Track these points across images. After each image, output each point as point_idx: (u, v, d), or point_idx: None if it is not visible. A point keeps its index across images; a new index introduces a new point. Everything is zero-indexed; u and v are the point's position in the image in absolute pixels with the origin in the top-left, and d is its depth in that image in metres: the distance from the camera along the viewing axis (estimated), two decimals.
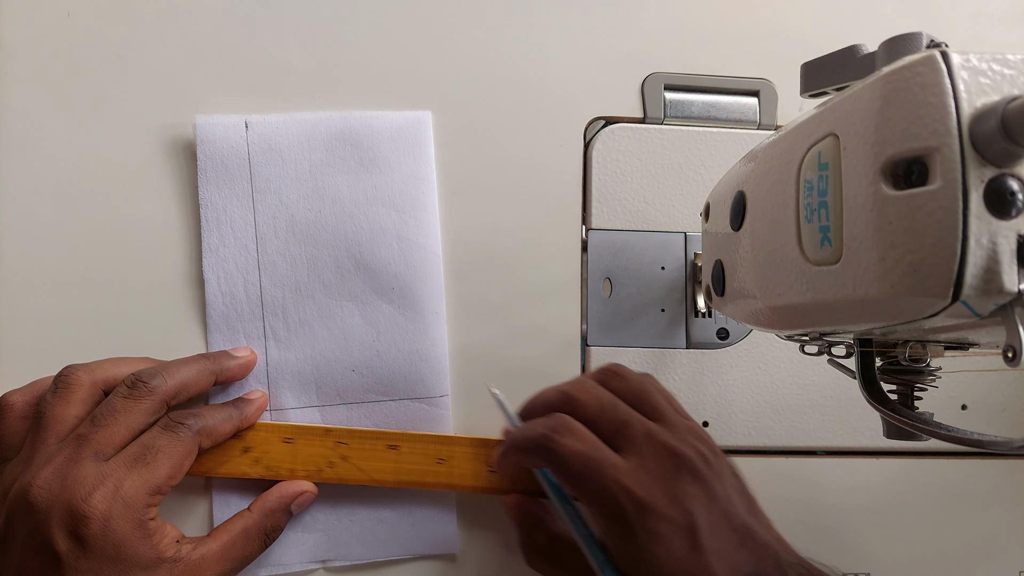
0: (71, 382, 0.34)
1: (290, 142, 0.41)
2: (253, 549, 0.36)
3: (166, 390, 0.34)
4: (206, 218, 0.40)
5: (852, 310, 0.23)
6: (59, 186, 0.40)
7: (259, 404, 0.38)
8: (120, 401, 0.33)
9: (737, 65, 0.44)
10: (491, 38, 0.43)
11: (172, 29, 0.41)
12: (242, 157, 0.40)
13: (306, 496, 0.38)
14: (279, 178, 0.40)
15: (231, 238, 0.40)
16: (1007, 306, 0.20)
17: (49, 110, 0.40)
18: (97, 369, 0.35)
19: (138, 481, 0.32)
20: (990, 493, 0.44)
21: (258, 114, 0.41)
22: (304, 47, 0.42)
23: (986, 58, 0.20)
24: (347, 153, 0.41)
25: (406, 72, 0.42)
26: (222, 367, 0.38)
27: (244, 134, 0.40)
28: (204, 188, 0.40)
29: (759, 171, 0.28)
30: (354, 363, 0.40)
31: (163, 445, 0.33)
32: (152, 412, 0.34)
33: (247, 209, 0.40)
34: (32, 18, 0.40)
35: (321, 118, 0.41)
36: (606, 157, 0.43)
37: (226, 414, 0.37)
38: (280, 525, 0.37)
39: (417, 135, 0.42)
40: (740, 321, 0.32)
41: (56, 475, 0.31)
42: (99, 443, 0.32)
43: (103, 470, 0.32)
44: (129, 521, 0.32)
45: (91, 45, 0.40)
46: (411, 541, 0.40)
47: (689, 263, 0.43)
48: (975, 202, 0.19)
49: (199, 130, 0.40)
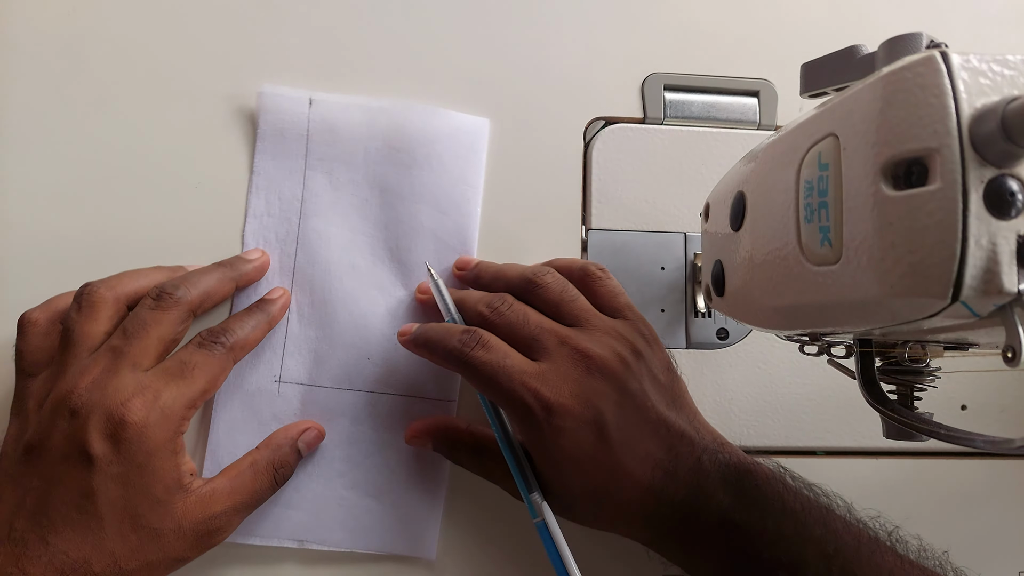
0: (95, 300, 0.35)
1: (350, 125, 0.41)
2: (262, 484, 0.36)
3: (191, 299, 0.36)
4: (256, 185, 0.41)
5: (852, 310, 0.23)
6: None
7: (282, 302, 0.39)
8: (148, 313, 0.35)
9: (737, 65, 0.44)
10: (491, 38, 0.43)
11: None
12: (301, 132, 0.41)
13: (312, 433, 0.39)
14: (333, 159, 0.41)
15: (277, 208, 0.41)
16: (1007, 306, 0.20)
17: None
18: (117, 284, 0.36)
19: (175, 393, 0.33)
20: (990, 493, 0.44)
21: (321, 92, 0.41)
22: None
23: (986, 59, 0.20)
24: (403, 146, 0.41)
25: (406, 71, 0.42)
26: (240, 272, 0.39)
27: (307, 110, 0.41)
28: (259, 156, 0.41)
29: (759, 171, 0.28)
30: (371, 351, 0.40)
31: (199, 361, 0.35)
32: (180, 321, 0.35)
33: (297, 183, 0.41)
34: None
35: (384, 106, 0.41)
36: (606, 157, 0.43)
37: (255, 321, 0.38)
38: (288, 461, 0.37)
39: (473, 140, 0.42)
40: (740, 321, 0.32)
41: (96, 384, 0.32)
42: (135, 355, 0.33)
43: (141, 380, 0.33)
44: (165, 431, 0.33)
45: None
46: (392, 537, 0.39)
47: (689, 263, 0.43)
48: (975, 202, 0.19)
49: (264, 99, 0.41)
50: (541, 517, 0.34)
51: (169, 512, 0.33)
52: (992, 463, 0.44)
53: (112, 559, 0.32)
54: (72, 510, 0.31)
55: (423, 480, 0.40)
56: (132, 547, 0.32)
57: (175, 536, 0.33)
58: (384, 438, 0.40)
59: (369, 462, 0.40)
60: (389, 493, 0.40)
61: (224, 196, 0.41)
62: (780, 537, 0.33)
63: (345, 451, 0.40)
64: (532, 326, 0.36)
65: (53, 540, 0.31)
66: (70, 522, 0.31)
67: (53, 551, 0.31)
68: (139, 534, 0.32)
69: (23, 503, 0.31)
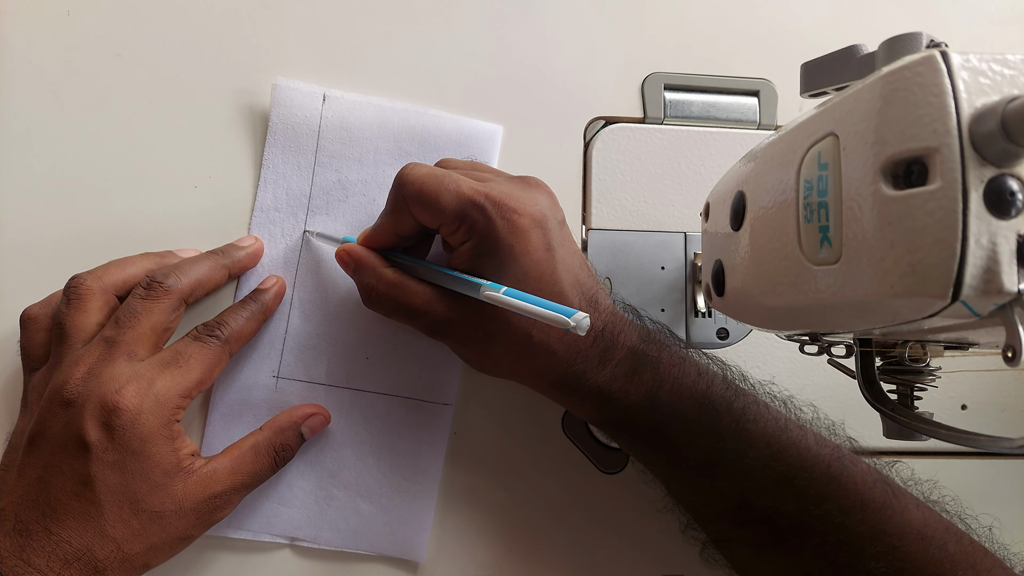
0: (82, 292, 0.35)
1: (362, 124, 0.41)
2: (263, 466, 0.36)
3: (182, 288, 0.36)
4: (265, 178, 0.41)
5: (852, 310, 0.23)
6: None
7: (276, 290, 0.39)
8: (139, 303, 0.35)
9: (737, 65, 0.44)
10: (492, 38, 0.43)
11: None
12: (313, 128, 0.41)
13: (317, 419, 0.39)
14: (343, 157, 0.41)
15: (284, 202, 0.41)
16: (1007, 306, 0.20)
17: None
18: (104, 275, 0.36)
19: (170, 382, 0.34)
20: (990, 493, 0.44)
21: (336, 89, 0.41)
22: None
23: (986, 58, 0.20)
24: (414, 149, 0.41)
25: (406, 70, 0.42)
26: (232, 259, 0.39)
27: (320, 106, 0.41)
28: (270, 149, 0.41)
29: (759, 171, 0.28)
30: (370, 351, 0.40)
31: (194, 352, 0.35)
32: (172, 310, 0.35)
33: (305, 179, 0.41)
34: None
35: (396, 108, 0.41)
36: (606, 157, 0.43)
37: (248, 312, 0.38)
38: (290, 444, 0.38)
39: (484, 146, 0.42)
40: (740, 321, 0.32)
41: (90, 373, 0.33)
42: (128, 344, 0.34)
43: (136, 369, 0.33)
44: (158, 418, 0.33)
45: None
46: (382, 539, 0.39)
47: (689, 263, 0.43)
48: (975, 202, 0.19)
49: (278, 92, 0.41)
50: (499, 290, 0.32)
51: (170, 494, 0.33)
52: (992, 463, 0.44)
53: (115, 545, 0.32)
54: (72, 498, 0.32)
55: (415, 484, 0.40)
56: (134, 531, 0.32)
57: (177, 516, 0.33)
58: (378, 440, 0.40)
59: (362, 464, 0.40)
60: (380, 496, 0.40)
61: (229, 192, 0.41)
62: (682, 359, 0.35)
63: (338, 451, 0.40)
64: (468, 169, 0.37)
65: (55, 529, 0.31)
66: (71, 510, 0.31)
67: (56, 540, 0.31)
68: (140, 518, 0.32)
69: (27, 494, 0.32)
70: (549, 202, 0.35)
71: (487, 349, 0.35)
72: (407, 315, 0.35)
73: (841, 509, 0.33)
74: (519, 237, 0.33)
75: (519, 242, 0.33)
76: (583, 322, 0.28)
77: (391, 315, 0.36)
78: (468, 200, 0.33)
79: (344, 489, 0.39)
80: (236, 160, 0.41)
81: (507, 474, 0.41)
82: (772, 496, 0.34)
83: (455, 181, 0.33)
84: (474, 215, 0.33)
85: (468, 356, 0.37)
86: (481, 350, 0.36)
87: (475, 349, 0.36)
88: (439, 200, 0.33)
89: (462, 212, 0.33)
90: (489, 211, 0.33)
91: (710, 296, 0.34)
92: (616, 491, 0.41)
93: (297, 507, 0.39)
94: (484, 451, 0.41)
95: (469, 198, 0.33)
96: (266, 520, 0.39)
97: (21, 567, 0.30)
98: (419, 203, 0.34)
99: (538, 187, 0.35)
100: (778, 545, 0.35)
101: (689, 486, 0.36)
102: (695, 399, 0.34)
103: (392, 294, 0.35)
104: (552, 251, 0.33)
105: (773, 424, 0.35)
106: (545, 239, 0.33)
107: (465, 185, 0.33)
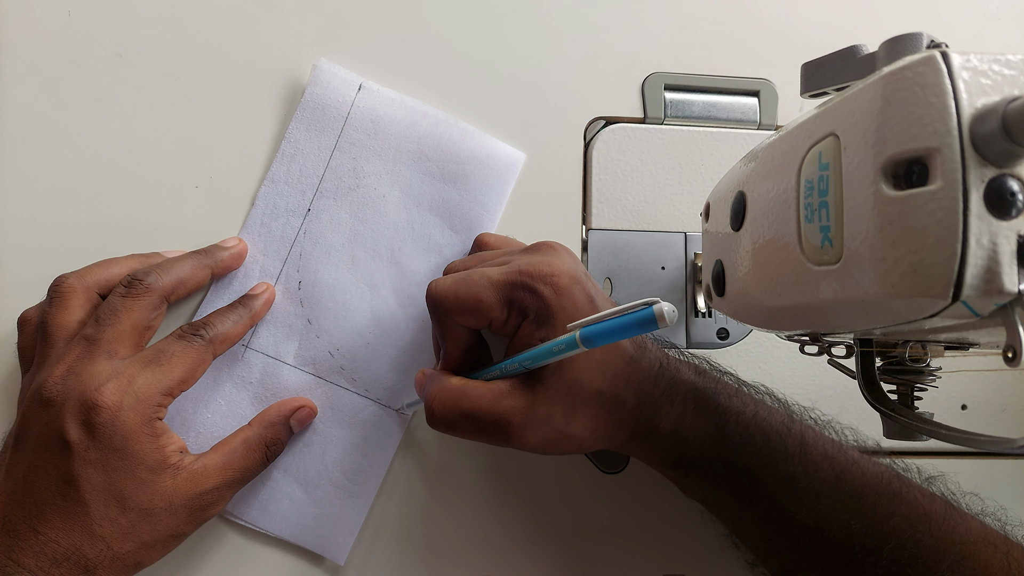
0: (64, 290, 0.35)
1: (390, 121, 0.41)
2: (254, 461, 0.36)
3: (163, 286, 0.36)
4: (282, 151, 0.41)
5: (852, 310, 0.23)
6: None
7: (265, 297, 0.39)
8: (120, 301, 0.35)
9: (737, 65, 0.44)
10: (492, 38, 0.43)
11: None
12: (342, 113, 0.41)
13: (305, 411, 0.39)
14: (364, 147, 0.41)
15: (296, 178, 0.41)
16: (1007, 306, 0.20)
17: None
18: (87, 274, 0.36)
19: (151, 379, 0.33)
20: (990, 493, 0.44)
21: (373, 80, 0.42)
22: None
23: (987, 58, 0.20)
24: (435, 156, 0.41)
25: (408, 70, 0.42)
26: (215, 259, 0.39)
27: (354, 94, 0.41)
28: (295, 124, 0.41)
29: (759, 171, 0.28)
30: (339, 344, 0.40)
31: (177, 351, 0.35)
32: (152, 308, 0.35)
33: (322, 161, 0.41)
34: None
35: (428, 113, 0.42)
36: (606, 157, 0.43)
37: (236, 316, 0.38)
38: (280, 438, 0.38)
39: (504, 170, 0.42)
40: (740, 321, 0.32)
41: (70, 371, 0.33)
42: (108, 342, 0.34)
43: (116, 366, 0.33)
44: (139, 415, 0.33)
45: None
46: (306, 531, 0.39)
47: (689, 263, 0.43)
48: (975, 202, 0.19)
49: (317, 72, 0.41)
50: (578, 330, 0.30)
51: (158, 491, 0.33)
52: (992, 463, 0.44)
53: (104, 543, 0.32)
54: (57, 498, 0.31)
55: (354, 484, 0.39)
56: (123, 529, 0.32)
57: (167, 514, 0.33)
58: (328, 432, 0.40)
59: (306, 451, 0.39)
60: (317, 487, 0.39)
61: (230, 192, 0.41)
62: (736, 388, 0.36)
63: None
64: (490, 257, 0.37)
65: (43, 529, 0.31)
66: (57, 510, 0.31)
67: (43, 540, 0.31)
68: (128, 516, 0.32)
69: (14, 494, 0.32)
70: (572, 259, 0.35)
71: (569, 425, 0.33)
72: (471, 419, 0.32)
73: (909, 523, 0.34)
74: (565, 297, 0.33)
75: (567, 302, 0.33)
76: (666, 307, 0.27)
77: (456, 429, 0.33)
78: (507, 284, 0.33)
79: (283, 472, 0.39)
80: (237, 160, 0.41)
81: (507, 474, 0.41)
82: (844, 516, 0.34)
83: (483, 275, 0.33)
84: (519, 295, 0.33)
85: (550, 440, 0.33)
86: (565, 431, 0.33)
87: (558, 429, 0.33)
88: (480, 299, 0.33)
89: (507, 298, 0.33)
90: (531, 284, 0.33)
91: (710, 296, 0.34)
92: (616, 491, 0.41)
93: None
94: (485, 451, 0.41)
95: (507, 282, 0.33)
96: None
97: (11, 567, 0.30)
98: (461, 311, 0.33)
99: (557, 248, 0.35)
100: (853, 566, 0.34)
101: (762, 516, 0.36)
102: (759, 427, 0.35)
103: (452, 400, 0.33)
104: (593, 301, 0.33)
105: (831, 445, 0.35)
106: (585, 292, 0.33)
107: (495, 273, 0.33)
